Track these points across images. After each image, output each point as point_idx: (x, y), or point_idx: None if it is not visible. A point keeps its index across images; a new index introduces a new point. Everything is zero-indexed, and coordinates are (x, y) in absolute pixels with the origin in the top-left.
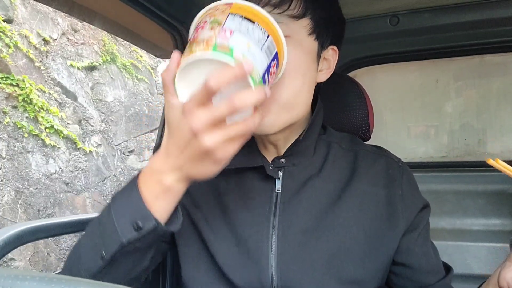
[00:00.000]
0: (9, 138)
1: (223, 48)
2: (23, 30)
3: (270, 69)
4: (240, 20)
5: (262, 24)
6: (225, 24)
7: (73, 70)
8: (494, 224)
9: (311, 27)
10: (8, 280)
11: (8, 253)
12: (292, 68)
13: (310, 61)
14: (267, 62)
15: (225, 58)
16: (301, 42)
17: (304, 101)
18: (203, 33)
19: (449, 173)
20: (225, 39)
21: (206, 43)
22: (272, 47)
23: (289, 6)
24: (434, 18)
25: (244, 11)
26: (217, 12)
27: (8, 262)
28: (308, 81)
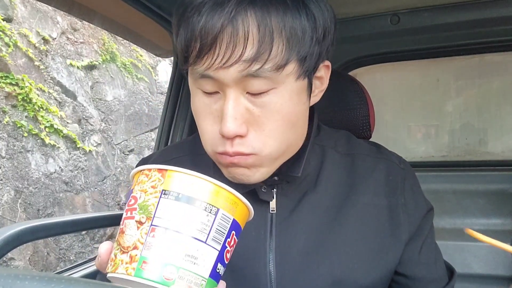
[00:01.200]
0: (8, 137)
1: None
2: (23, 29)
3: (226, 249)
4: (175, 204)
5: (208, 197)
6: (155, 218)
7: (73, 69)
8: (494, 224)
9: (298, 69)
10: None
11: (8, 253)
12: (281, 123)
13: (300, 103)
14: (217, 251)
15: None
16: (289, 90)
17: (299, 142)
18: (129, 230)
19: (449, 172)
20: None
21: (130, 258)
22: (224, 222)
23: (269, 56)
24: (435, 17)
25: (180, 184)
26: (149, 185)
27: (8, 262)
28: (301, 124)
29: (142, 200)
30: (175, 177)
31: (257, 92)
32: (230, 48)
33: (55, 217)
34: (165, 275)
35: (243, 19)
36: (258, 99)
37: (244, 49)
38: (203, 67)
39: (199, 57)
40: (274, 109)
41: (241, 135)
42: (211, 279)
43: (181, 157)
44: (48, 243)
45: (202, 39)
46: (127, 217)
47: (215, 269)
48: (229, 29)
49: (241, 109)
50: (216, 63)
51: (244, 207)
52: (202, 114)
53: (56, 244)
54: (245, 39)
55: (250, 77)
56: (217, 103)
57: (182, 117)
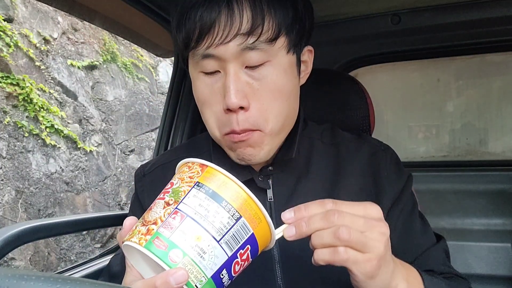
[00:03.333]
0: (9, 137)
1: (159, 244)
2: (24, 29)
3: (236, 260)
4: (204, 197)
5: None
6: (181, 204)
7: (74, 69)
8: (495, 224)
9: (287, 43)
10: (13, 280)
11: (9, 253)
12: (278, 95)
13: (292, 77)
14: (227, 256)
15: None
16: (282, 63)
17: (293, 117)
18: (156, 207)
19: (450, 172)
20: (169, 230)
21: (147, 231)
22: (243, 232)
23: (262, 30)
24: (436, 17)
25: (215, 181)
26: (187, 175)
27: (9, 262)
28: (293, 97)
29: (176, 186)
30: (212, 174)
31: (254, 64)
32: (228, 25)
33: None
34: (171, 256)
35: (237, 2)
36: (256, 72)
37: (241, 25)
38: (205, 46)
39: (200, 37)
40: (271, 80)
41: (244, 108)
42: (212, 281)
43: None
44: (49, 243)
45: (202, 24)
46: (159, 198)
47: (219, 273)
48: (225, 11)
49: (242, 83)
50: (216, 40)
51: (267, 226)
52: (206, 96)
53: (57, 244)
54: (241, 17)
55: (247, 50)
56: (218, 82)
57: (183, 117)
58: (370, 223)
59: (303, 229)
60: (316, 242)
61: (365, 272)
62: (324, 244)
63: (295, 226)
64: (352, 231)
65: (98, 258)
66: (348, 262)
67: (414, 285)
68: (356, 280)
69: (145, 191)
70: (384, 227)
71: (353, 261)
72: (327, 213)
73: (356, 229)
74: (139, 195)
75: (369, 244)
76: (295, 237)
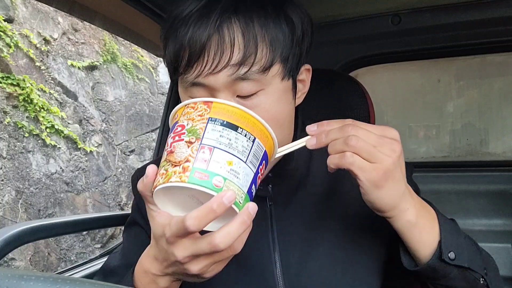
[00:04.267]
0: (9, 138)
1: (201, 176)
2: (24, 29)
3: (258, 175)
4: (221, 129)
5: (247, 126)
6: (204, 138)
7: (74, 69)
8: (495, 224)
9: (282, 70)
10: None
11: (9, 253)
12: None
13: (287, 103)
14: (253, 173)
15: (203, 188)
16: (276, 90)
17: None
18: (180, 149)
19: (450, 173)
20: (204, 163)
21: (183, 169)
22: (259, 150)
23: (254, 59)
24: (436, 17)
25: (225, 113)
26: (195, 114)
27: (9, 262)
28: (288, 121)
29: (190, 126)
30: (221, 107)
31: (246, 94)
32: (218, 54)
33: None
34: (215, 183)
35: (228, 27)
36: (248, 102)
37: (232, 54)
38: (193, 74)
39: (189, 65)
40: (264, 109)
41: None
42: (247, 195)
43: None
44: (49, 243)
45: (191, 48)
46: (175, 141)
47: (251, 188)
48: (216, 37)
49: None
50: (206, 69)
51: (272, 142)
52: None
53: (57, 245)
54: (232, 45)
55: (239, 80)
56: None
57: None
58: (382, 139)
59: (323, 139)
60: (330, 150)
61: (370, 179)
62: (336, 150)
63: (317, 137)
64: (360, 140)
65: (98, 258)
66: (354, 167)
67: (427, 218)
68: (362, 187)
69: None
70: (396, 145)
71: (359, 167)
72: (344, 126)
73: (367, 141)
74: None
75: (377, 156)
76: (316, 146)
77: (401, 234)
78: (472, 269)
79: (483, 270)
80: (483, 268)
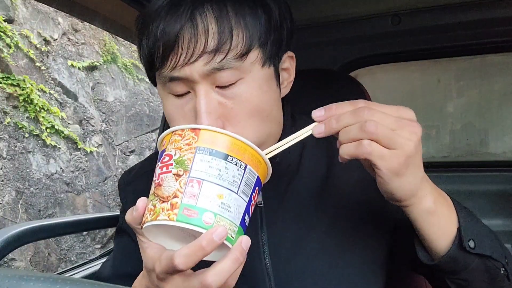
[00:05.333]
0: (10, 138)
1: (190, 213)
2: (24, 30)
3: (251, 203)
4: (210, 159)
5: (237, 153)
6: (192, 170)
7: (74, 70)
8: (495, 225)
9: (262, 56)
10: (13, 281)
11: (9, 253)
12: (256, 113)
13: (271, 91)
14: (246, 203)
15: (193, 226)
16: (257, 79)
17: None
18: (167, 182)
19: (450, 173)
20: (192, 199)
21: (172, 206)
22: (251, 177)
23: (230, 45)
24: (436, 17)
25: (213, 140)
26: (183, 142)
27: (9, 262)
28: (275, 112)
29: (178, 156)
30: (208, 135)
31: (226, 84)
32: (192, 43)
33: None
34: (205, 220)
35: (201, 15)
36: (228, 91)
37: (206, 42)
38: (169, 68)
39: (164, 58)
40: (245, 99)
41: None
42: (241, 228)
43: None
44: (49, 243)
45: (164, 40)
46: (163, 172)
47: (244, 219)
48: (189, 25)
49: (213, 104)
50: (181, 60)
51: (265, 166)
52: (176, 117)
53: (57, 245)
54: (205, 32)
55: (216, 70)
56: (189, 103)
57: None
58: (401, 121)
59: (333, 125)
60: (343, 138)
61: (391, 167)
62: (351, 138)
63: (325, 123)
64: (379, 125)
65: (98, 258)
66: (372, 155)
67: (444, 205)
68: (381, 177)
69: (129, 201)
70: (416, 127)
71: (378, 155)
72: (357, 110)
73: (385, 125)
74: (124, 206)
75: (398, 141)
76: (324, 133)
77: (417, 223)
78: (494, 258)
79: (504, 259)
80: (504, 257)
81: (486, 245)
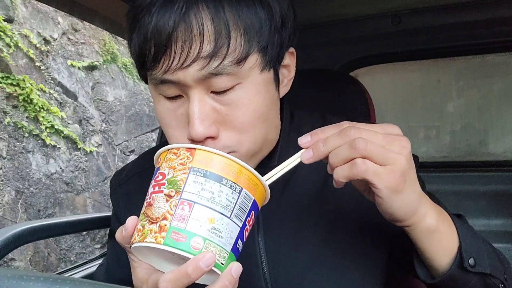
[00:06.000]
0: (9, 138)
1: (178, 237)
2: (24, 29)
3: (245, 227)
4: (203, 180)
5: (232, 176)
6: (184, 192)
7: (74, 69)
8: (495, 225)
9: (261, 61)
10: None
11: (9, 253)
12: (253, 119)
13: (269, 95)
14: (239, 228)
15: (179, 251)
16: (255, 83)
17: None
18: (158, 203)
19: (450, 173)
20: (182, 222)
21: (160, 228)
22: (246, 201)
23: (227, 50)
24: (436, 17)
25: (208, 162)
26: (177, 162)
27: (9, 262)
28: (272, 115)
29: (170, 176)
30: (204, 155)
31: (221, 90)
32: (186, 46)
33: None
34: (193, 245)
35: (195, 14)
36: (224, 97)
37: (201, 46)
38: (161, 70)
39: (155, 60)
40: (242, 105)
41: (212, 137)
42: (232, 254)
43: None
44: (49, 243)
45: (156, 40)
46: (155, 192)
47: (236, 245)
48: (182, 26)
49: (207, 110)
50: (174, 64)
51: (263, 190)
52: (168, 120)
53: (56, 245)
54: (201, 35)
55: (211, 75)
56: (181, 107)
57: None
58: (389, 137)
59: (321, 148)
60: (334, 160)
61: (389, 185)
62: (342, 159)
63: (313, 148)
64: (368, 142)
65: (98, 258)
66: (368, 174)
67: (445, 222)
68: (381, 196)
69: (120, 204)
70: (404, 141)
71: (374, 173)
72: (343, 130)
73: (375, 142)
74: (115, 208)
75: (390, 156)
76: (313, 159)
77: (419, 243)
78: (493, 275)
79: (503, 275)
80: (503, 273)
81: (486, 262)
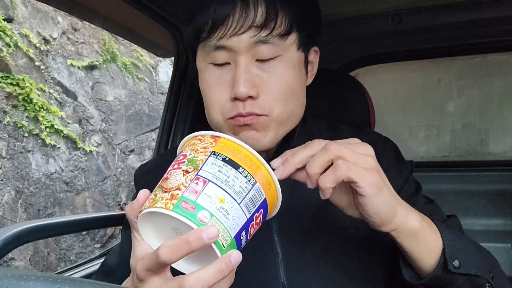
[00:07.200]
0: (9, 137)
1: (187, 206)
2: (23, 29)
3: (252, 222)
4: (222, 164)
5: (250, 167)
6: (201, 170)
7: (73, 69)
8: (495, 224)
9: (298, 40)
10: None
11: (8, 253)
12: (287, 88)
13: (301, 74)
14: (246, 218)
15: (186, 219)
16: (292, 59)
17: (300, 112)
18: (175, 176)
19: (450, 173)
20: (194, 194)
21: (172, 196)
22: (258, 196)
23: (275, 24)
24: (437, 17)
25: (230, 150)
26: (200, 146)
27: (8, 262)
28: (301, 95)
29: (191, 156)
30: (227, 143)
31: (266, 57)
32: (243, 17)
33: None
34: (200, 217)
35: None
36: (266, 65)
37: (255, 17)
38: (217, 37)
39: (213, 29)
40: (281, 75)
41: (252, 97)
42: (234, 241)
43: None
44: (49, 243)
45: (216, 16)
46: (174, 168)
47: (240, 234)
48: (240, 4)
49: (252, 74)
50: (230, 31)
51: (275, 192)
52: (213, 86)
53: (56, 244)
54: (255, 10)
55: (260, 43)
56: (228, 74)
57: (183, 117)
58: (352, 144)
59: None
60: (312, 168)
61: (371, 182)
62: (320, 163)
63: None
64: (337, 145)
65: (98, 258)
66: (351, 173)
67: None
68: (364, 195)
69: None
70: (366, 145)
71: (356, 172)
72: (308, 143)
73: (342, 144)
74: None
75: (361, 158)
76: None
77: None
78: (478, 275)
79: (489, 274)
80: (489, 272)
81: (471, 263)
